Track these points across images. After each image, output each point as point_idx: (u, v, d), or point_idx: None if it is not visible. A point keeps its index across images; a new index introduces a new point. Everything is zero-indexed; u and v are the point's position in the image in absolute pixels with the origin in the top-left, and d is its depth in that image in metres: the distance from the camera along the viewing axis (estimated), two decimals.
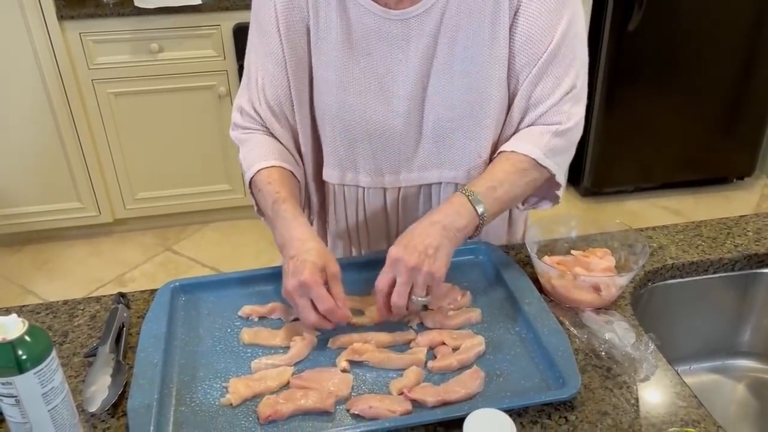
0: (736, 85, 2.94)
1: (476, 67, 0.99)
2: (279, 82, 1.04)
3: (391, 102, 1.02)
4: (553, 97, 1.00)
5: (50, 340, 0.70)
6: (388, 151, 1.06)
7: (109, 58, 2.51)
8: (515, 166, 1.00)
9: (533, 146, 1.00)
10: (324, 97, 1.04)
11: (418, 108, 1.03)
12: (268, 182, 1.01)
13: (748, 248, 1.12)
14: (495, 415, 0.72)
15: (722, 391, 1.17)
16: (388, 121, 1.03)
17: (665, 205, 3.06)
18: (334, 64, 1.01)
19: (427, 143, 1.05)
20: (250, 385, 0.84)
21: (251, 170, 1.04)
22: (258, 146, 1.06)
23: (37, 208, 2.73)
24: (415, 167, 1.08)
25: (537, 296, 0.98)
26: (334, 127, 1.05)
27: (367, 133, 1.04)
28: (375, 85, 1.02)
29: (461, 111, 1.02)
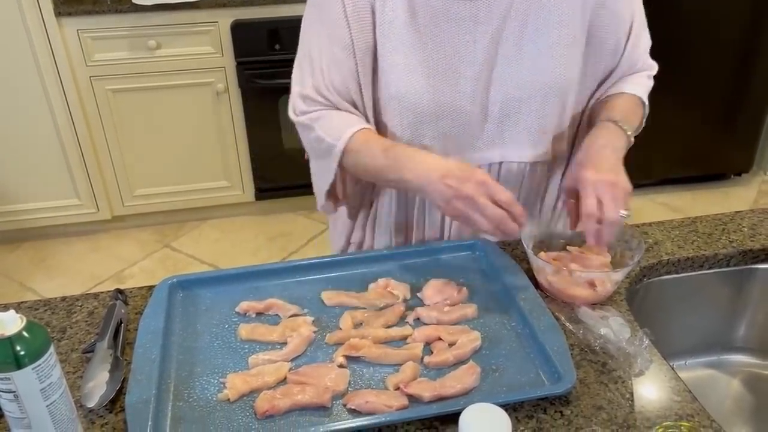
0: (734, 81, 2.95)
1: (546, 50, 1.03)
2: (347, 67, 1.04)
3: (458, 83, 1.04)
4: (644, 55, 1.15)
5: (48, 335, 0.71)
6: (454, 132, 1.07)
7: (107, 54, 2.51)
8: (630, 101, 1.11)
9: (640, 87, 1.13)
10: (391, 81, 1.04)
11: (484, 89, 1.05)
12: (367, 140, 1.02)
13: (743, 244, 1.13)
14: (491, 410, 0.72)
15: (717, 386, 1.17)
16: (455, 103, 1.05)
17: (663, 202, 3.07)
18: (401, 48, 1.02)
19: (493, 123, 1.08)
20: (248, 381, 0.85)
21: (343, 137, 1.02)
22: (339, 117, 1.06)
23: (35, 205, 2.73)
24: (479, 147, 1.10)
25: (533, 292, 0.98)
26: (401, 110, 1.05)
27: (434, 115, 1.05)
28: (442, 67, 1.03)
29: (529, 91, 1.05)
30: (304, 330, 0.93)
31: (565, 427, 0.79)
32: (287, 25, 2.55)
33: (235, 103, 2.69)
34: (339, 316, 0.97)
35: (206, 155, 2.79)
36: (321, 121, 1.06)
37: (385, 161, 0.99)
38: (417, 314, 0.97)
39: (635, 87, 1.12)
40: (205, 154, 2.79)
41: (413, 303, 1.00)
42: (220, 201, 2.91)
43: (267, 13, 2.53)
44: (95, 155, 2.69)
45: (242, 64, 2.60)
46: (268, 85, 2.63)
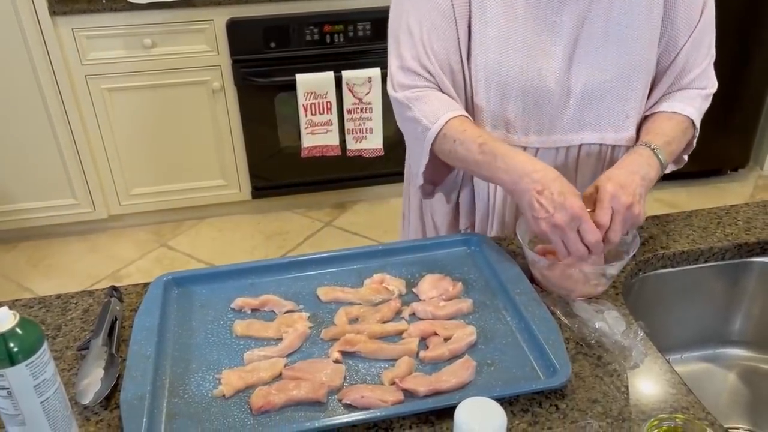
0: (730, 77, 2.94)
1: (633, 32, 1.04)
2: (448, 36, 1.05)
3: (544, 61, 1.05)
4: (704, 63, 1.10)
5: (42, 332, 0.71)
6: (537, 110, 1.08)
7: (102, 53, 2.50)
8: (681, 125, 1.09)
9: (692, 108, 1.09)
10: (483, 54, 1.05)
11: (568, 68, 1.06)
12: (464, 129, 1.02)
13: (739, 237, 1.13)
14: (486, 404, 0.72)
15: (714, 380, 1.18)
16: (540, 80, 1.05)
17: (660, 198, 3.07)
18: (495, 21, 1.03)
19: (575, 105, 1.08)
20: (243, 377, 0.85)
21: (439, 122, 1.03)
22: (438, 100, 1.06)
23: (31, 205, 2.73)
24: (559, 129, 1.10)
25: (528, 286, 0.98)
26: (489, 83, 1.06)
27: (521, 91, 1.06)
28: (530, 43, 1.04)
29: (613, 74, 1.06)
30: (300, 326, 0.93)
31: (561, 420, 0.79)
32: (283, 23, 2.55)
33: (231, 102, 2.69)
34: (334, 312, 0.97)
35: (202, 154, 2.79)
36: (418, 102, 1.05)
37: (480, 156, 1.00)
38: (412, 309, 0.97)
39: (688, 108, 1.10)
40: (201, 153, 2.79)
41: (408, 298, 1.00)
42: (216, 200, 2.91)
43: (262, 11, 2.53)
44: (91, 154, 2.68)
45: (238, 62, 2.60)
46: (264, 83, 2.63)
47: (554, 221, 0.92)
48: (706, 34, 1.09)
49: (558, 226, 0.92)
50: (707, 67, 1.11)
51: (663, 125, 1.08)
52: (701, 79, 1.11)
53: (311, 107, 2.63)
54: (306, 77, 2.57)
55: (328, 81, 2.59)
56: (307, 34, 2.58)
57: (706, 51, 1.11)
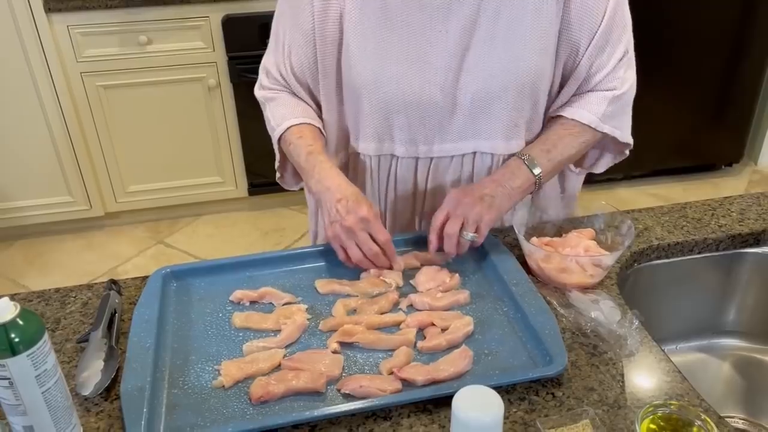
0: (724, 71, 2.96)
1: (519, 38, 1.02)
2: (304, 53, 1.07)
3: (429, 72, 1.04)
4: (609, 64, 1.06)
5: (42, 323, 0.71)
6: (424, 122, 1.08)
7: (97, 50, 2.50)
8: (567, 130, 1.08)
9: (588, 113, 1.07)
10: (360, 68, 1.05)
11: (455, 79, 1.05)
12: (300, 136, 1.07)
13: (732, 228, 1.14)
14: (483, 392, 0.73)
15: (708, 370, 1.19)
16: (425, 92, 1.05)
17: (654, 192, 3.08)
18: (371, 34, 1.03)
19: (464, 114, 1.07)
20: (242, 368, 0.85)
21: (281, 126, 1.09)
22: (285, 104, 1.11)
23: (27, 203, 2.72)
24: (449, 138, 1.10)
25: (524, 277, 0.99)
26: (370, 97, 1.07)
27: (403, 104, 1.06)
28: (413, 55, 1.03)
29: (501, 81, 1.04)
30: (298, 317, 0.94)
31: (557, 408, 0.80)
32: None
33: (227, 99, 2.69)
34: (332, 304, 0.98)
35: (198, 151, 2.79)
36: (272, 103, 1.13)
37: (305, 164, 1.06)
38: (410, 301, 0.98)
39: (584, 113, 1.07)
40: (197, 150, 2.79)
41: (406, 290, 1.01)
42: (213, 197, 2.91)
43: (258, 8, 2.53)
44: (87, 152, 2.68)
45: (234, 59, 2.60)
46: None
47: (346, 223, 0.98)
48: (611, 36, 1.04)
49: (349, 228, 0.98)
50: (616, 67, 1.06)
51: (548, 132, 1.10)
52: (609, 80, 1.07)
53: None
54: None
55: None
56: None
57: (612, 51, 1.05)
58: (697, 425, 0.73)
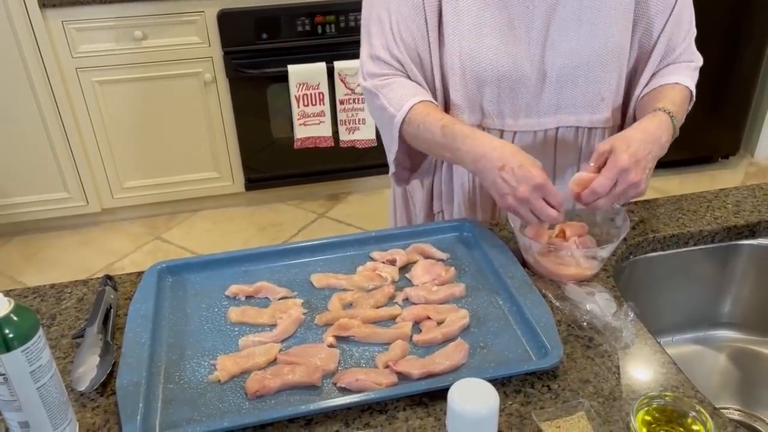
0: (721, 64, 2.96)
1: (605, 15, 1.05)
2: (416, 25, 1.07)
3: (518, 46, 1.06)
4: (686, 39, 1.12)
5: (37, 318, 0.71)
6: (513, 95, 1.09)
7: (92, 46, 2.49)
8: (683, 94, 1.09)
9: (689, 79, 1.11)
10: (458, 42, 1.06)
11: (542, 52, 1.07)
12: (428, 113, 1.04)
13: (728, 220, 1.14)
14: (479, 385, 0.73)
15: (704, 362, 1.19)
16: (516, 65, 1.07)
17: (651, 185, 3.05)
18: (468, 10, 1.04)
19: (550, 89, 1.09)
20: (238, 362, 0.85)
21: (404, 108, 1.05)
22: (403, 87, 1.08)
23: (24, 199, 2.72)
24: (535, 112, 1.11)
25: (520, 270, 0.99)
26: (464, 71, 1.07)
27: (496, 77, 1.07)
28: (503, 29, 1.05)
29: (587, 57, 1.07)
30: (294, 312, 0.94)
31: (553, 400, 0.80)
32: (274, 14, 2.54)
33: (223, 94, 2.68)
34: (328, 298, 0.98)
35: (195, 146, 2.79)
36: (385, 89, 1.08)
37: (443, 138, 1.01)
38: (405, 294, 0.98)
39: (684, 78, 1.11)
40: (193, 145, 2.78)
41: (402, 284, 1.01)
42: (209, 192, 2.91)
43: (253, 2, 2.52)
44: (83, 148, 2.67)
45: (229, 53, 2.59)
46: (255, 75, 2.62)
47: (519, 195, 0.94)
48: (685, 12, 1.11)
49: (523, 198, 0.94)
50: (690, 42, 1.14)
51: (669, 94, 1.09)
52: (686, 54, 1.13)
53: (303, 98, 2.63)
54: (298, 68, 2.57)
55: (320, 72, 2.58)
56: (298, 25, 2.58)
57: (688, 27, 1.13)
58: (692, 416, 0.74)
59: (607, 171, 0.94)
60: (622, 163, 0.93)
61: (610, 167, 0.94)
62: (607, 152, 0.95)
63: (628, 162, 0.93)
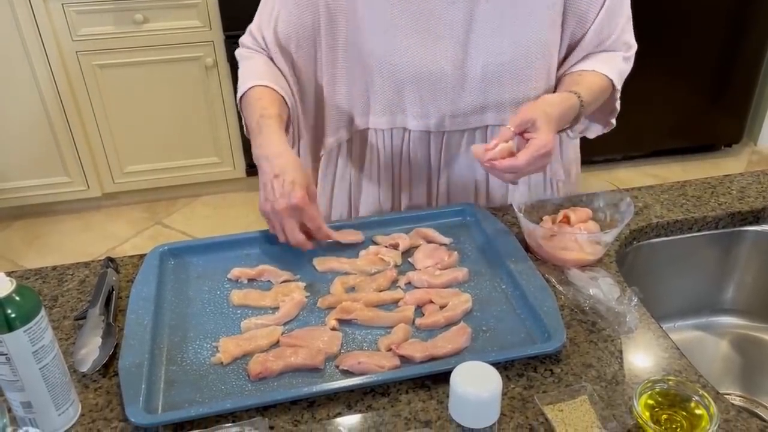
0: (724, 52, 2.94)
1: (527, 12, 1.01)
2: (297, 21, 1.05)
3: (439, 46, 1.03)
4: (617, 30, 1.09)
5: (39, 298, 0.71)
6: (435, 95, 1.07)
7: (92, 29, 2.47)
8: (602, 84, 1.07)
9: (610, 68, 1.08)
10: (371, 41, 1.04)
11: (464, 51, 1.04)
12: (259, 98, 1.03)
13: (732, 206, 1.13)
14: (482, 368, 0.73)
15: (706, 348, 1.19)
16: (436, 65, 1.04)
17: (654, 173, 3.08)
18: (380, 7, 1.02)
19: (475, 87, 1.06)
20: (240, 344, 0.85)
21: (244, 86, 1.05)
22: (256, 66, 1.08)
23: (24, 183, 2.71)
24: (461, 112, 1.09)
25: (523, 255, 0.99)
26: (381, 71, 1.06)
27: (414, 77, 1.05)
28: (422, 28, 1.02)
29: (511, 55, 1.04)
30: (297, 295, 0.94)
31: (555, 384, 0.80)
32: None
33: (225, 78, 2.67)
34: (330, 282, 0.97)
35: (196, 131, 2.78)
36: (245, 62, 1.11)
37: (254, 126, 1.01)
38: (408, 278, 0.98)
39: (606, 67, 1.08)
40: (194, 130, 2.77)
41: (404, 268, 1.01)
42: (210, 177, 2.90)
43: None
44: (84, 132, 2.66)
45: (231, 37, 2.57)
46: None
47: (276, 206, 0.94)
48: (619, 2, 1.07)
49: (279, 212, 0.94)
50: (625, 28, 1.10)
51: (587, 80, 1.07)
52: (617, 44, 1.10)
53: None
54: None
55: None
56: None
57: (619, 19, 1.09)
58: (695, 401, 0.73)
59: (527, 149, 0.93)
60: (540, 144, 0.93)
61: (529, 147, 0.93)
62: (530, 122, 0.95)
63: (545, 144, 0.93)
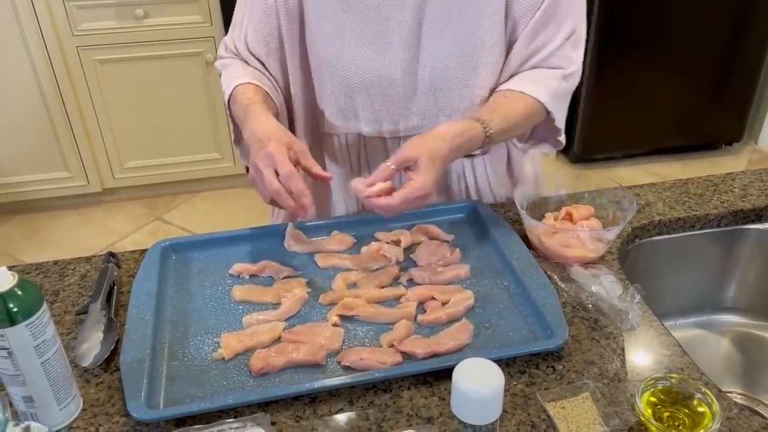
0: (725, 50, 2.94)
1: (472, 15, 0.99)
2: (263, 29, 1.05)
3: (388, 51, 1.02)
4: (555, 40, 1.02)
5: (41, 293, 0.71)
6: (386, 101, 1.06)
7: (93, 24, 2.46)
8: (528, 108, 1.02)
9: (542, 89, 1.02)
10: (320, 47, 1.03)
11: (414, 57, 1.03)
12: (244, 92, 1.02)
13: (734, 204, 1.13)
14: (484, 365, 0.73)
15: (708, 346, 1.19)
16: (385, 71, 1.03)
17: (654, 171, 3.07)
18: (329, 13, 1.01)
19: (425, 93, 1.05)
20: (242, 340, 0.85)
21: (230, 87, 1.04)
22: (238, 69, 1.08)
23: (24, 178, 2.71)
24: (413, 116, 1.08)
25: (525, 252, 0.99)
26: (332, 76, 1.05)
27: (364, 83, 1.04)
28: (370, 34, 1.01)
29: (457, 59, 1.02)
30: (298, 291, 0.93)
31: (557, 381, 0.80)
32: None
33: None
34: (332, 278, 0.97)
35: (196, 127, 2.77)
36: (226, 69, 1.10)
37: (243, 115, 1.00)
38: (410, 275, 0.97)
39: (538, 88, 1.02)
40: (195, 126, 2.77)
41: (406, 264, 1.01)
42: (211, 173, 2.90)
43: None
44: (84, 127, 2.66)
45: None
46: None
47: (253, 161, 0.91)
48: (557, 11, 1.01)
49: (255, 165, 0.91)
50: (563, 45, 1.03)
51: (511, 106, 1.01)
52: (555, 58, 1.03)
53: None
54: None
55: None
56: None
57: (558, 28, 1.02)
58: (698, 398, 0.73)
59: (404, 188, 0.89)
60: (425, 188, 0.89)
61: (411, 189, 0.89)
62: (411, 161, 0.90)
63: (431, 187, 0.89)
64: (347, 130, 1.11)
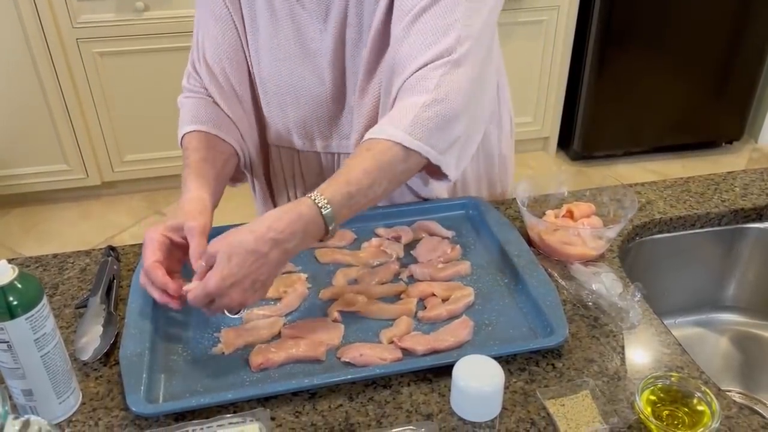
0: (725, 48, 2.94)
1: (378, 28, 0.94)
2: (221, 41, 1.01)
3: (317, 69, 1.01)
4: (420, 58, 0.86)
5: (41, 286, 0.71)
6: (317, 117, 1.05)
7: (93, 16, 2.46)
8: (377, 160, 0.84)
9: (403, 129, 0.84)
10: (257, 64, 1.03)
11: (341, 74, 1.01)
12: (186, 148, 1.00)
13: (735, 203, 1.13)
14: (484, 362, 0.73)
15: (707, 344, 1.19)
16: (315, 88, 1.02)
17: (654, 169, 3.07)
18: (264, 30, 1.00)
19: (355, 108, 1.03)
20: (242, 335, 0.85)
21: (179, 136, 1.02)
22: (187, 111, 1.03)
23: (23, 171, 2.70)
24: (345, 134, 1.06)
25: (526, 249, 0.99)
26: (266, 90, 1.05)
27: (295, 99, 1.04)
28: (300, 51, 1.00)
29: (379, 75, 0.98)
30: (299, 286, 0.93)
31: (557, 379, 0.80)
32: None
33: None
34: (333, 274, 0.97)
35: None
36: (181, 110, 1.04)
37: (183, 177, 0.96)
38: (411, 271, 0.97)
39: (395, 129, 0.85)
40: None
41: (407, 261, 1.00)
42: None
43: None
44: (83, 120, 2.65)
45: None
46: None
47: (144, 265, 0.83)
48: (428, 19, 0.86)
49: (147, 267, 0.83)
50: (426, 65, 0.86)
51: (355, 164, 0.84)
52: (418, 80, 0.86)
53: None
54: None
55: None
56: None
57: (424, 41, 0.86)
58: (697, 397, 0.73)
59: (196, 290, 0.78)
60: (209, 288, 0.77)
61: (202, 287, 0.77)
62: (212, 257, 0.79)
63: (216, 288, 0.76)
64: (280, 143, 1.10)
